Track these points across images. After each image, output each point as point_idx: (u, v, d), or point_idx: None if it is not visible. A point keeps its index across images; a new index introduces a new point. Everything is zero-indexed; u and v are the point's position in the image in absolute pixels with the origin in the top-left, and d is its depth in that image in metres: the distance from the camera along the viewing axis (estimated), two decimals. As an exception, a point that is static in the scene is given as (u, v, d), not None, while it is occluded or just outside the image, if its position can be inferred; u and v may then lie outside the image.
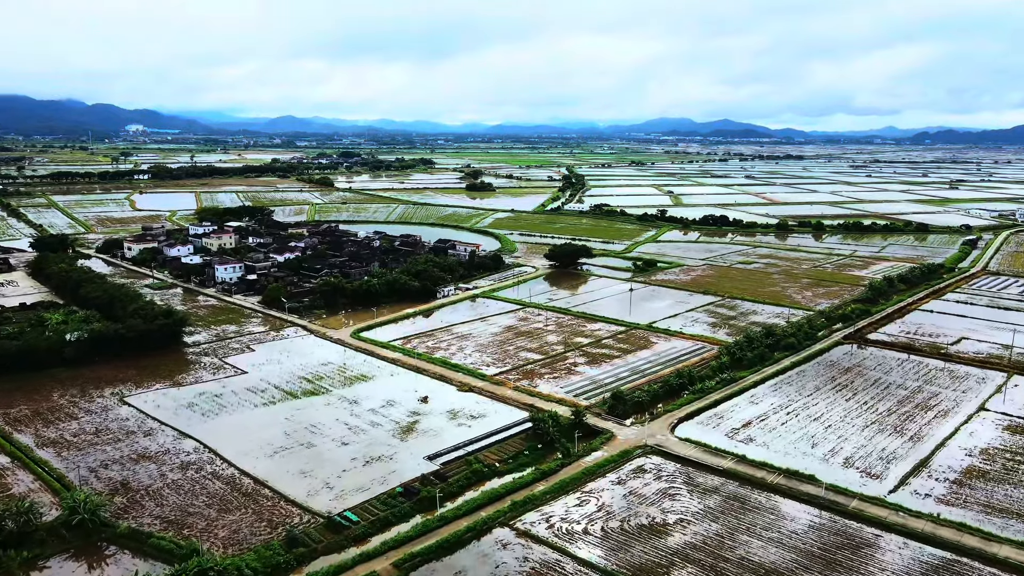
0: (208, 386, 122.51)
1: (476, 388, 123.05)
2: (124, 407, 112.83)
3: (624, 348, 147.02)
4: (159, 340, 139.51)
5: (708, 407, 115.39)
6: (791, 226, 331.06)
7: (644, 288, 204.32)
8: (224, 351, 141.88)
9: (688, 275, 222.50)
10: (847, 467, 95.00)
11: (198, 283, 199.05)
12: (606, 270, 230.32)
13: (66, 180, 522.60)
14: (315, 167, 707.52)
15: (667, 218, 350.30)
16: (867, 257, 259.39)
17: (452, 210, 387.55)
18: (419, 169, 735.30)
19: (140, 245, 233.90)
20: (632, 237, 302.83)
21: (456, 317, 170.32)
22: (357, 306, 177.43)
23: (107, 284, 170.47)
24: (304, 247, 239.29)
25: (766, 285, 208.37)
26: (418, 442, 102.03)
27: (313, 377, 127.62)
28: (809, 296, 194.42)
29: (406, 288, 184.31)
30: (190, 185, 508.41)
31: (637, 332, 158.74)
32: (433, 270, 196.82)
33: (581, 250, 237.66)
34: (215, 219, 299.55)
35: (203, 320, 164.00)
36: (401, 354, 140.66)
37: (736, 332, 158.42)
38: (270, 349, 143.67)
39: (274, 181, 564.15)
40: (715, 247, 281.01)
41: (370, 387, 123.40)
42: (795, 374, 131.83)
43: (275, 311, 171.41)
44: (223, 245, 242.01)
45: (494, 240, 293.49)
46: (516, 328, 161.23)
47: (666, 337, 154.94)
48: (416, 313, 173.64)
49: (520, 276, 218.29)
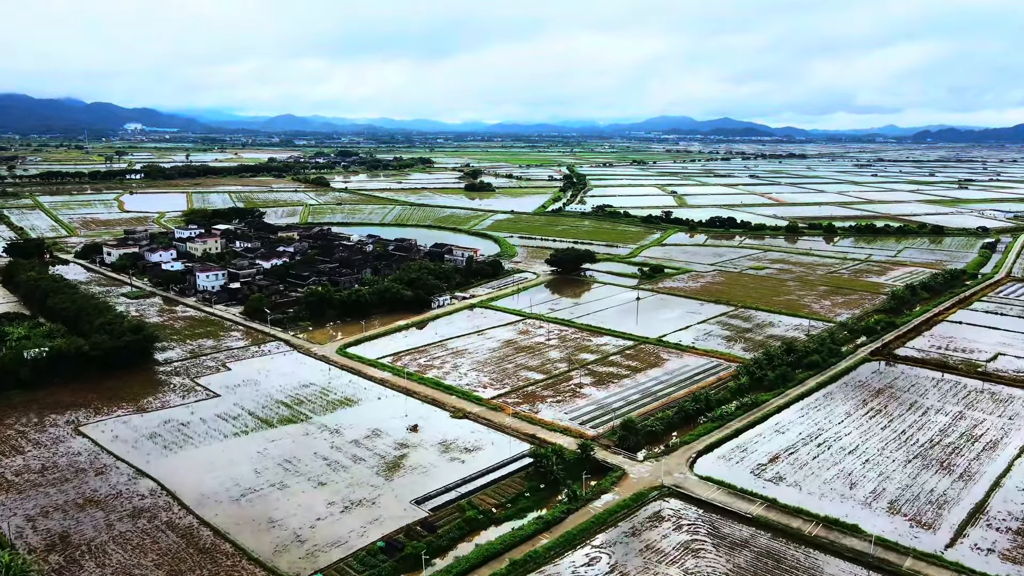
0: (175, 412, 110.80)
1: (471, 414, 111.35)
2: (78, 438, 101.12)
3: (633, 366, 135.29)
4: (126, 358, 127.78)
5: (729, 437, 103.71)
6: (801, 228, 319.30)
7: (652, 296, 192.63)
8: (197, 370, 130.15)
9: (697, 282, 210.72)
10: (893, 513, 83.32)
11: (178, 292, 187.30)
12: (611, 276, 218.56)
13: (56, 180, 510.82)
14: (311, 166, 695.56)
15: (672, 220, 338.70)
16: (883, 262, 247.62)
17: (450, 211, 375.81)
18: (417, 168, 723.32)
19: (120, 250, 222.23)
20: (637, 240, 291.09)
21: (451, 330, 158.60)
22: (346, 317, 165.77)
23: (76, 295, 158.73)
24: (293, 252, 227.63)
25: (780, 293, 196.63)
26: (405, 481, 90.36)
27: (292, 401, 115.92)
28: (828, 306, 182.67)
29: (398, 298, 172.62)
30: (183, 185, 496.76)
31: (646, 347, 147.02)
32: (428, 278, 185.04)
33: (584, 255, 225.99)
34: (203, 222, 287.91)
35: (178, 334, 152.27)
36: (390, 373, 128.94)
37: (753, 347, 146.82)
38: (248, 368, 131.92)
39: (269, 181, 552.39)
40: (724, 251, 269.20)
41: (355, 413, 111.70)
42: (822, 397, 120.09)
43: (257, 323, 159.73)
44: (208, 250, 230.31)
45: (493, 243, 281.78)
46: (516, 343, 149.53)
47: (678, 353, 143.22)
48: (408, 325, 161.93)
49: (520, 283, 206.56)
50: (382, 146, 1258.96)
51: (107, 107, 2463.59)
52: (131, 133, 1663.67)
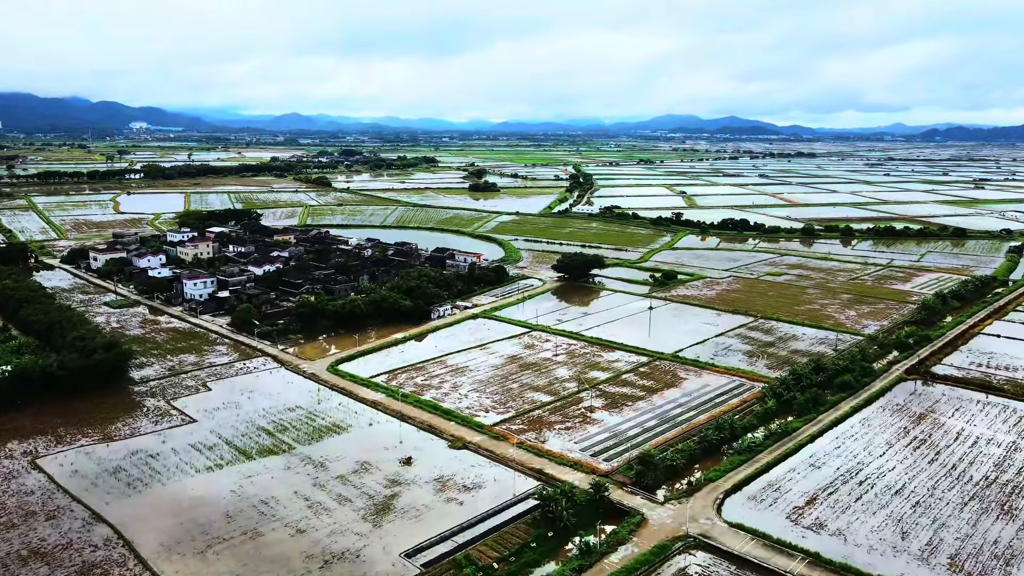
0: (145, 441, 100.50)
1: (471, 444, 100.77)
2: (33, 474, 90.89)
3: (648, 386, 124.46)
4: (98, 378, 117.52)
5: (759, 473, 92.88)
6: (817, 231, 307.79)
7: (665, 306, 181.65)
8: (175, 390, 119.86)
9: (713, 289, 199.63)
10: (956, 572, 72.39)
11: (164, 300, 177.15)
12: (621, 283, 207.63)
13: (54, 180, 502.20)
14: (314, 166, 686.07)
15: (683, 222, 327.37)
16: (906, 267, 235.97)
17: (453, 213, 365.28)
18: (421, 168, 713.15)
19: (107, 255, 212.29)
20: (647, 243, 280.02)
21: (452, 343, 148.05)
22: (340, 329, 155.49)
23: (51, 306, 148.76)
24: (288, 257, 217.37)
25: (802, 302, 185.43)
26: (395, 528, 79.83)
27: (275, 428, 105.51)
28: (853, 316, 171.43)
29: (396, 308, 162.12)
30: (182, 185, 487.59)
31: (662, 364, 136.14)
32: (428, 286, 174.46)
33: (593, 261, 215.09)
34: (197, 224, 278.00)
35: (159, 348, 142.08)
36: (384, 395, 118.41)
37: (777, 364, 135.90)
38: (230, 388, 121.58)
39: (270, 181, 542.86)
40: (738, 255, 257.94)
41: (343, 442, 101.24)
42: (858, 423, 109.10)
43: (245, 336, 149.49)
44: (199, 255, 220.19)
45: (497, 247, 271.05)
46: (521, 358, 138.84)
47: (696, 371, 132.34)
48: (406, 338, 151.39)
49: (525, 291, 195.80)
50: (387, 145, 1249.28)
51: (113, 106, 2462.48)
52: (136, 132, 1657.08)
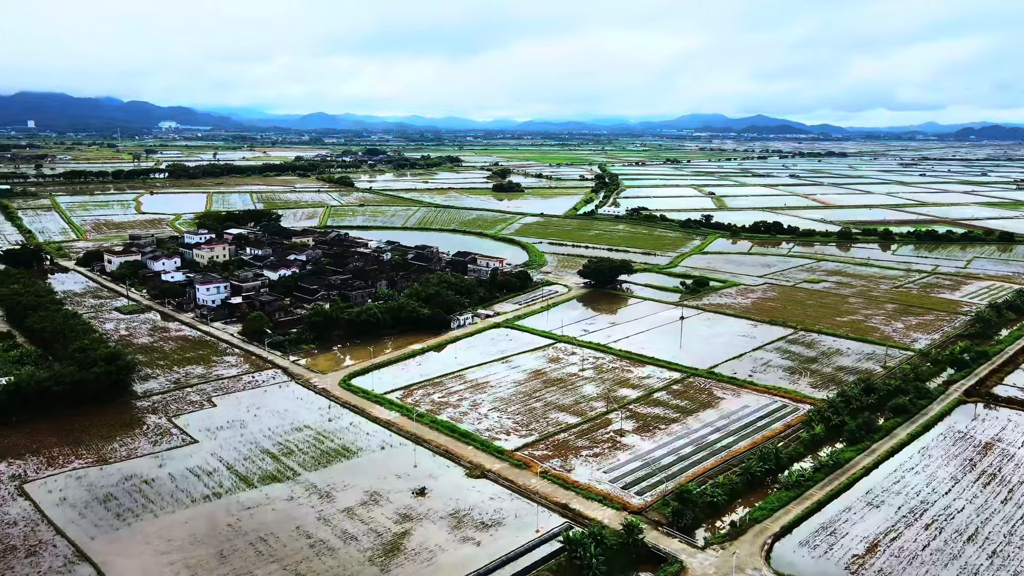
0: (141, 465, 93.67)
1: (491, 473, 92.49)
2: (19, 501, 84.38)
3: (682, 407, 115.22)
4: (98, 392, 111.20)
5: (811, 512, 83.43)
6: (855, 234, 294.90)
7: (697, 315, 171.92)
8: (178, 406, 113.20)
9: (747, 298, 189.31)
10: (1048, 643, 62.66)
11: (176, 306, 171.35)
12: (650, 290, 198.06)
13: (79, 179, 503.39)
14: (337, 165, 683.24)
15: (713, 224, 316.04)
16: (953, 274, 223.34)
17: (477, 214, 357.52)
18: (445, 167, 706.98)
19: (122, 258, 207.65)
20: (676, 247, 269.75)
21: (472, 356, 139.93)
22: (355, 339, 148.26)
23: (57, 313, 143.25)
24: (305, 261, 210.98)
25: (843, 312, 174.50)
26: (404, 574, 71.77)
27: (281, 451, 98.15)
28: (900, 328, 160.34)
29: (414, 317, 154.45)
30: (205, 185, 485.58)
31: (696, 381, 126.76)
32: (448, 293, 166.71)
33: (620, 266, 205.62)
34: (215, 225, 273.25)
35: (167, 358, 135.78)
36: (398, 414, 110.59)
37: (822, 382, 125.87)
38: (236, 404, 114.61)
39: (293, 180, 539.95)
40: (772, 260, 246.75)
41: (352, 469, 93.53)
42: (917, 454, 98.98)
43: (255, 345, 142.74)
44: (215, 258, 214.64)
45: (521, 250, 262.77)
46: (545, 374, 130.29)
47: (734, 389, 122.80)
48: (424, 350, 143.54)
49: (550, 298, 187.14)
50: (411, 144, 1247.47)
51: (143, 105, 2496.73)
52: (165, 131, 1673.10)
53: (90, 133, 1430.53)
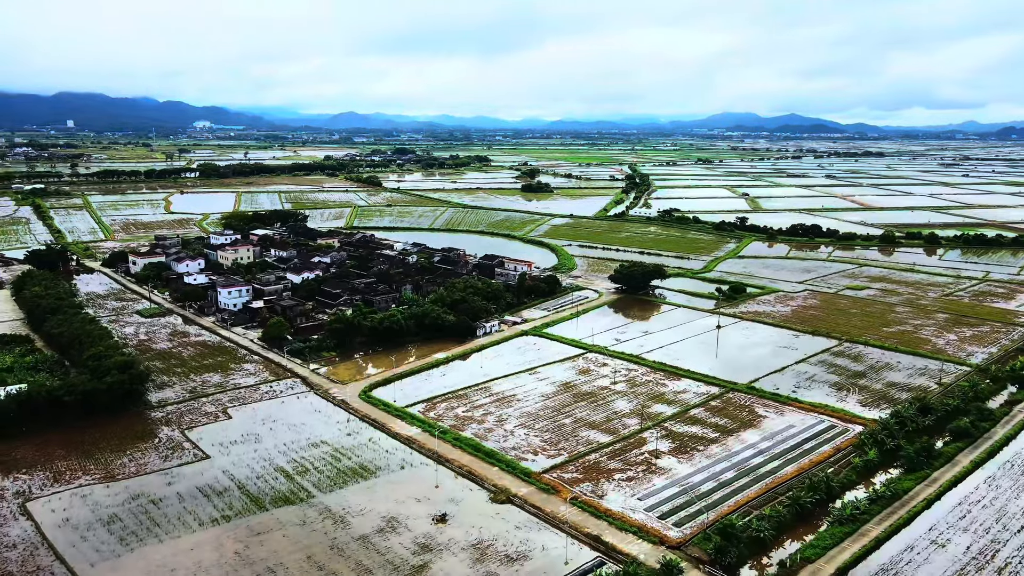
0: (150, 482, 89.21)
1: (517, 498, 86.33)
2: (21, 521, 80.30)
3: (722, 425, 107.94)
4: (110, 402, 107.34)
5: (869, 550, 75.87)
6: (898, 238, 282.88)
7: (735, 324, 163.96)
8: (192, 417, 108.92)
9: (787, 305, 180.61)
10: None
11: (197, 309, 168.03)
12: (684, 296, 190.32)
13: (112, 179, 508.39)
14: (366, 164, 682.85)
15: (748, 227, 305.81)
16: (1006, 281, 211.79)
17: (505, 215, 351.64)
18: (474, 167, 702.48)
19: (146, 259, 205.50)
20: (710, 251, 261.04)
21: (498, 366, 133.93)
22: (377, 346, 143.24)
23: (75, 317, 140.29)
24: (329, 263, 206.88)
25: (890, 322, 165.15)
26: (422, 613, 66.06)
27: (295, 468, 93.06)
28: (953, 341, 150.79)
29: (439, 323, 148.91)
30: (235, 184, 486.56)
31: (736, 397, 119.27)
32: (474, 299, 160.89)
33: (653, 271, 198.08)
34: (241, 226, 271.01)
35: (184, 365, 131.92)
36: (419, 429, 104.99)
37: (872, 399, 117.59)
38: (252, 416, 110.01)
39: (322, 180, 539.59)
40: (811, 265, 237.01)
41: (369, 490, 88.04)
42: (984, 484, 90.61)
43: (275, 353, 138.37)
44: (239, 260, 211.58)
45: (550, 253, 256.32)
46: (575, 387, 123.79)
47: (776, 406, 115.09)
48: (448, 359, 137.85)
49: (580, 303, 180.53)
50: (440, 143, 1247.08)
51: (178, 105, 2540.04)
52: (199, 131, 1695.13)
53: (126, 133, 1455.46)
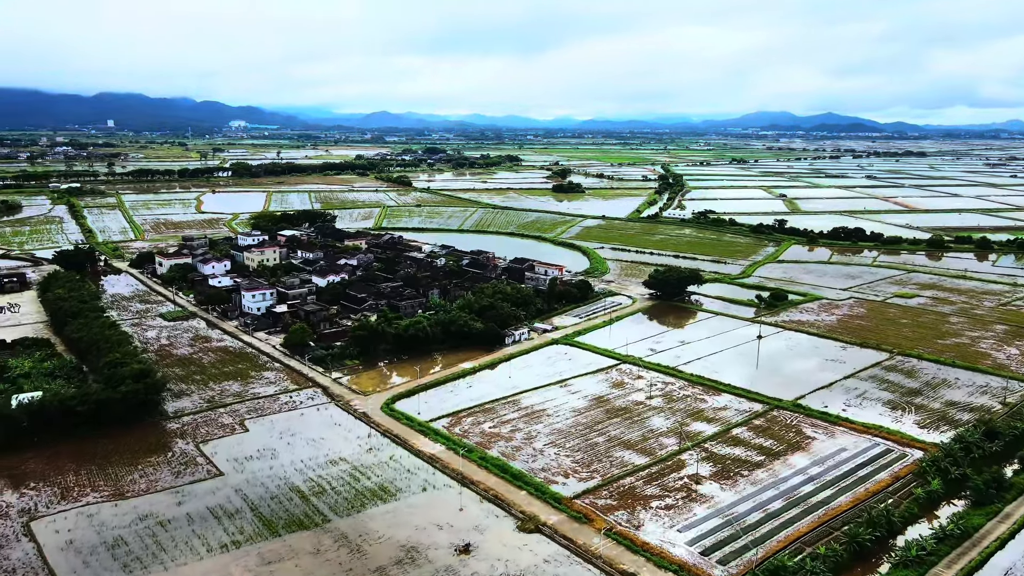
0: (159, 501, 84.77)
1: (547, 528, 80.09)
2: (24, 542, 76.32)
3: (767, 447, 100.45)
4: (125, 412, 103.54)
5: (936, 599, 68.24)
6: (947, 242, 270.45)
7: (776, 334, 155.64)
8: (208, 429, 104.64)
9: (832, 314, 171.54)
10: None
11: (220, 313, 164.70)
12: (721, 303, 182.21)
13: (146, 178, 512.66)
14: (397, 164, 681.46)
15: (787, 230, 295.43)
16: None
17: (536, 216, 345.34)
18: (504, 167, 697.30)
19: (172, 260, 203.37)
20: (748, 255, 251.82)
21: (527, 378, 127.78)
22: (402, 354, 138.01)
23: (95, 321, 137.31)
24: (355, 266, 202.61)
25: (945, 334, 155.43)
26: (441, 661, 60.17)
27: (311, 489, 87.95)
28: (1015, 355, 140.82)
29: (466, 331, 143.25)
30: (266, 184, 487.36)
31: (781, 415, 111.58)
32: (503, 305, 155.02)
33: (689, 277, 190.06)
34: (269, 226, 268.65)
35: (204, 372, 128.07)
36: (443, 446, 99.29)
37: (931, 420, 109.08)
38: (270, 428, 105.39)
39: (352, 179, 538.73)
40: (856, 271, 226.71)
41: (389, 515, 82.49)
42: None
43: (296, 360, 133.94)
44: (265, 261, 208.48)
45: (581, 256, 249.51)
46: (608, 401, 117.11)
47: (826, 427, 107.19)
48: (475, 369, 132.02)
49: (613, 310, 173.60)
50: (471, 143, 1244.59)
51: (215, 105, 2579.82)
52: (234, 130, 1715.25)
53: (164, 132, 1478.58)
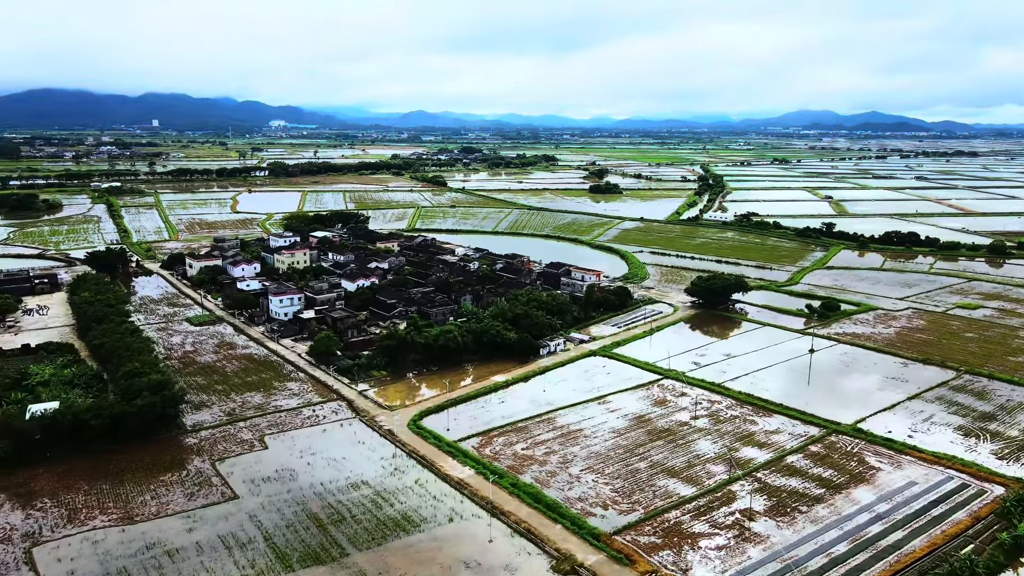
0: (169, 527, 79.39)
1: (584, 569, 72.63)
2: (22, 572, 71.45)
3: (826, 479, 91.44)
4: (141, 426, 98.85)
5: (1036, 672, 59.10)
6: (1008, 248, 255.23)
7: (830, 347, 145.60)
8: (226, 446, 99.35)
9: (889, 326, 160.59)
10: None
11: (247, 318, 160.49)
12: (769, 313, 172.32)
13: (185, 177, 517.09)
14: (432, 164, 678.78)
15: (835, 234, 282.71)
16: None
17: (572, 217, 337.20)
18: (540, 167, 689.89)
19: (202, 262, 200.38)
20: (794, 260, 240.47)
21: (563, 393, 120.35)
22: (432, 364, 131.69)
23: (118, 327, 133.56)
24: (386, 269, 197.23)
25: (1016, 350, 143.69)
26: None
27: (331, 517, 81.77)
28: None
29: (499, 341, 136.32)
30: (302, 183, 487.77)
31: (841, 441, 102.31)
32: (537, 314, 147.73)
33: (734, 285, 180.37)
34: (301, 227, 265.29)
35: (226, 382, 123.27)
36: (473, 470, 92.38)
37: (1010, 450, 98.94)
38: (290, 446, 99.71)
39: (387, 179, 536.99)
40: (912, 278, 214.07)
41: (412, 550, 75.87)
42: None
43: (322, 370, 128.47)
44: (294, 264, 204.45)
45: (619, 259, 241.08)
46: (650, 421, 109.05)
47: (891, 456, 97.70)
48: (508, 382, 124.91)
49: (653, 319, 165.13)
50: (507, 142, 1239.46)
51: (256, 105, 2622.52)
52: (274, 130, 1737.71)
53: (206, 131, 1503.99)
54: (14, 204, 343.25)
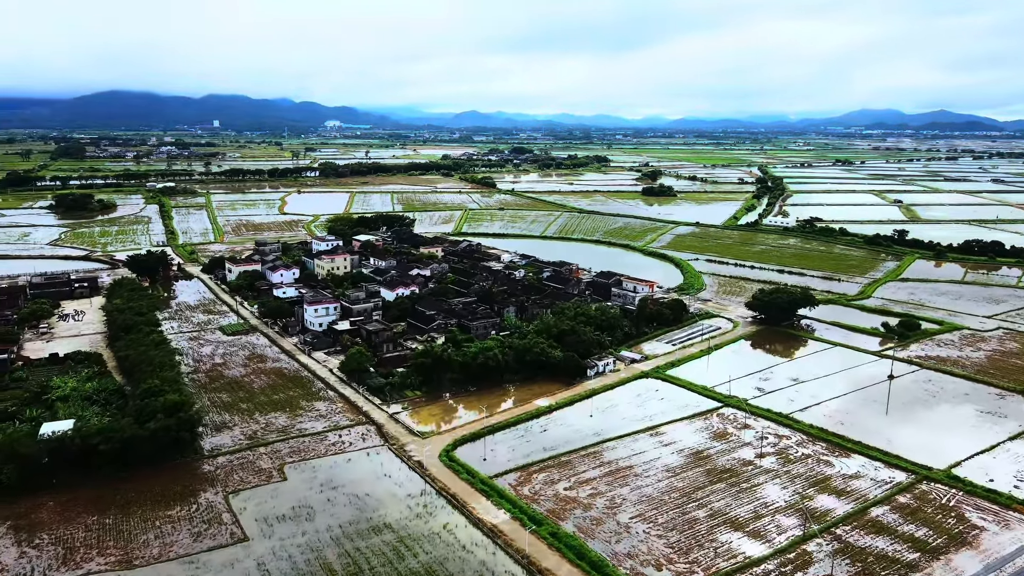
0: (169, 573, 71.60)
1: (633, 651, 61.86)
2: (4, 625, 64.59)
3: (920, 540, 78.32)
4: (153, 452, 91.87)
5: None
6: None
7: (911, 373, 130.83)
8: (243, 475, 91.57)
9: (978, 349, 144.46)
10: None
11: (281, 328, 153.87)
12: (839, 331, 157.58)
13: (238, 177, 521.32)
14: (482, 164, 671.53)
15: (908, 241, 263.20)
16: None
17: (623, 222, 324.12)
18: (592, 167, 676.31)
19: (241, 267, 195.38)
20: (864, 271, 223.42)
21: (612, 421, 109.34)
22: (470, 384, 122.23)
23: (146, 338, 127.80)
24: (428, 276, 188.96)
25: None
26: None
27: (347, 568, 72.77)
28: None
29: (543, 360, 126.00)
30: (351, 184, 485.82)
31: (934, 491, 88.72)
32: (585, 330, 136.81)
33: (800, 299, 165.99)
34: (345, 230, 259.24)
35: (251, 400, 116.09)
36: (508, 515, 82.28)
37: None
38: (311, 478, 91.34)
39: (436, 180, 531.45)
40: (999, 293, 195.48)
41: (434, 612, 66.30)
42: None
43: (352, 388, 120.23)
44: (334, 270, 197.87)
45: (674, 268, 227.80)
46: (709, 458, 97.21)
47: (996, 511, 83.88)
48: (552, 407, 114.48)
49: (711, 336, 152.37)
50: (559, 142, 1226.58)
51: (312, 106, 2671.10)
52: (329, 130, 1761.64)
53: (263, 132, 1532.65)
54: (70, 204, 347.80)
